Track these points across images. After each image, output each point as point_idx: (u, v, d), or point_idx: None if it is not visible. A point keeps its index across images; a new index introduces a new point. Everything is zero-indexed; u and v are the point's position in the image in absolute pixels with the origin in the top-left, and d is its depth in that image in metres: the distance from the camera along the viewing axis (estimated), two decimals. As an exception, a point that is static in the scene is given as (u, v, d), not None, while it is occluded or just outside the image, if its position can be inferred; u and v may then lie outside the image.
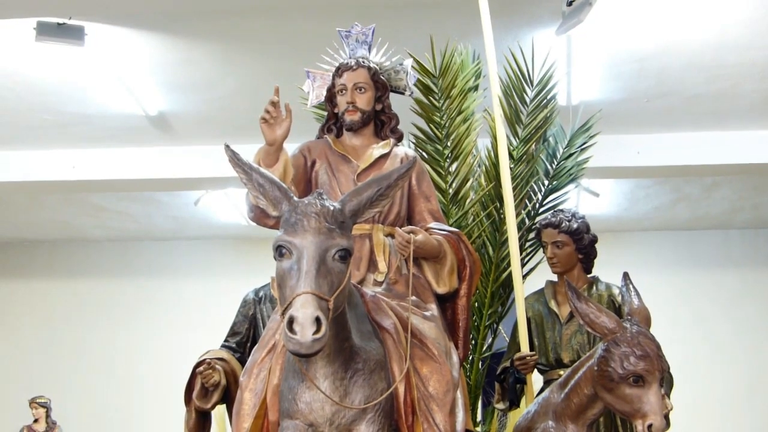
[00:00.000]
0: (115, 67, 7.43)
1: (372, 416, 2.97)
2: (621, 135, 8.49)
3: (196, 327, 10.61)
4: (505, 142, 4.77)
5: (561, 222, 4.67)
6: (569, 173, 5.63)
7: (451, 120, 5.38)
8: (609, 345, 3.30)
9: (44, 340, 12.54)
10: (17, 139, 8.97)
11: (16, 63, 7.35)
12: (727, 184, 10.26)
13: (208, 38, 7.01)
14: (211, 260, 12.61)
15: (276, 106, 3.33)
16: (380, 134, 3.91)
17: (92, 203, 11.11)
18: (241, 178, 2.93)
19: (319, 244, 2.65)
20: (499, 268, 5.38)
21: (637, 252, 11.64)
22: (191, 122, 8.59)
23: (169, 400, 7.16)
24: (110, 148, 9.20)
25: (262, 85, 5.02)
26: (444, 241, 3.64)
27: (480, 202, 5.39)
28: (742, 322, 11.62)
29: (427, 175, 4.01)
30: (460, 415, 3.27)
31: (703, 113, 8.27)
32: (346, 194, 2.88)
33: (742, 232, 12.03)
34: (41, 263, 12.98)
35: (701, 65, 7.35)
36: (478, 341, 5.37)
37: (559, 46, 6.79)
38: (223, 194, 10.48)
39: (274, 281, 2.77)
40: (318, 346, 2.52)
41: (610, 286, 4.70)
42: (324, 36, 4.21)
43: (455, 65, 5.38)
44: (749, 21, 6.67)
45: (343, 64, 3.86)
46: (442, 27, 6.08)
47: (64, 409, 10.98)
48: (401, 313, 3.29)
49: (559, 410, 3.52)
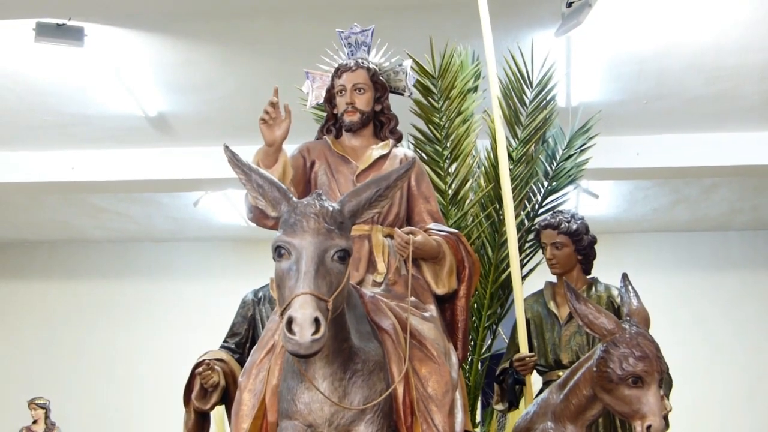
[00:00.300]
0: (114, 67, 7.44)
1: (371, 417, 2.97)
2: (620, 136, 8.50)
3: (196, 328, 10.60)
4: (505, 143, 4.77)
5: (560, 223, 4.66)
6: (568, 174, 5.63)
7: (450, 121, 5.38)
8: (608, 346, 3.29)
9: (44, 341, 12.54)
10: (17, 139, 8.97)
11: (15, 64, 7.36)
12: (726, 186, 10.26)
13: (208, 39, 7.02)
14: (211, 261, 12.61)
15: (275, 107, 3.33)
16: (379, 135, 3.90)
17: (92, 204, 11.11)
18: (241, 178, 2.92)
19: (318, 244, 2.64)
20: (499, 269, 5.38)
21: (636, 253, 11.63)
22: (191, 123, 8.59)
23: (168, 400, 7.16)
24: (110, 149, 9.20)
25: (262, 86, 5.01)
26: (443, 242, 3.63)
27: (479, 203, 5.39)
28: (741, 323, 11.61)
29: (427, 176, 4.00)
30: (459, 416, 3.26)
31: (702, 115, 8.28)
32: (345, 195, 2.87)
33: (741, 233, 12.02)
34: (41, 264, 12.99)
35: (701, 67, 7.35)
36: (477, 342, 5.37)
37: (559, 48, 6.80)
38: (223, 195, 10.48)
39: (273, 282, 2.77)
40: (317, 347, 2.52)
41: (609, 287, 4.69)
42: (323, 37, 4.20)
43: (455, 66, 5.38)
44: (749, 23, 6.67)
45: (342, 65, 3.86)
46: (442, 28, 6.09)
47: (64, 409, 10.96)
48: (400, 313, 3.29)
49: (558, 411, 3.52)
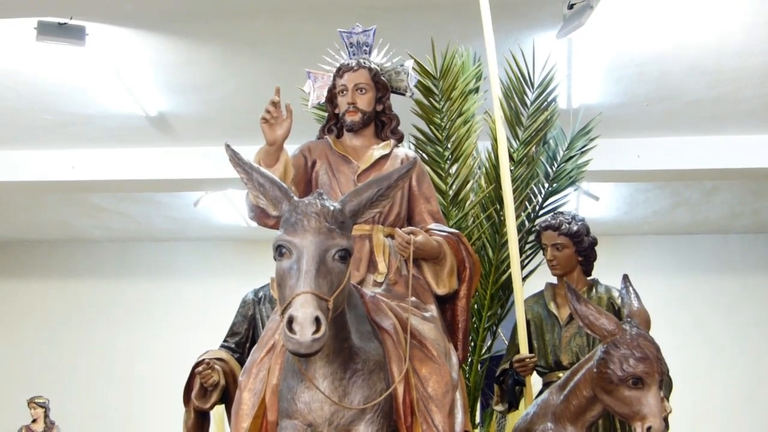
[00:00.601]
0: (115, 67, 7.44)
1: (371, 417, 2.97)
2: (621, 139, 8.50)
3: (196, 327, 10.60)
4: (506, 144, 4.77)
5: (561, 224, 4.65)
6: (569, 176, 5.63)
7: (451, 122, 5.38)
8: (608, 347, 3.29)
9: (43, 340, 12.54)
10: (17, 138, 8.97)
11: (16, 63, 7.36)
12: (726, 189, 10.26)
13: (209, 39, 7.02)
14: (211, 261, 12.62)
15: (277, 106, 3.33)
16: (381, 135, 3.90)
17: (92, 203, 11.11)
18: (242, 177, 2.92)
19: (319, 244, 2.64)
20: (499, 270, 5.37)
21: (637, 256, 11.63)
22: (191, 123, 8.59)
23: (168, 400, 7.15)
24: (110, 149, 9.20)
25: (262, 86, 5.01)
26: (444, 243, 3.63)
27: (480, 204, 5.39)
28: (741, 326, 11.61)
29: (428, 176, 4.00)
30: (459, 417, 3.26)
31: (703, 118, 8.28)
32: (346, 194, 2.87)
33: (741, 236, 12.03)
34: (40, 263, 12.99)
35: (702, 70, 7.36)
36: (478, 343, 5.36)
37: (560, 49, 6.80)
38: (223, 195, 10.49)
39: (273, 282, 2.77)
40: (317, 346, 2.51)
41: (609, 288, 4.68)
42: (324, 37, 4.20)
43: (456, 67, 5.38)
44: (750, 26, 6.67)
45: (344, 65, 3.86)
46: (443, 29, 6.09)
47: (64, 409, 10.96)
48: (401, 313, 3.29)
49: (558, 412, 3.51)
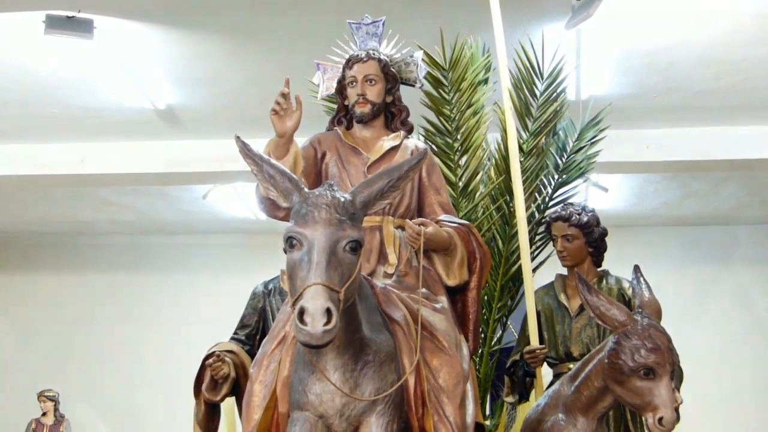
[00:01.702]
0: (123, 60, 7.43)
1: (382, 408, 2.96)
2: (630, 130, 8.46)
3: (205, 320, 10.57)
4: (515, 135, 4.77)
5: (571, 215, 4.64)
6: (579, 167, 5.62)
7: (461, 113, 5.38)
8: (620, 338, 3.29)
9: (52, 334, 12.56)
10: (26, 132, 8.97)
11: (25, 56, 7.35)
12: (736, 180, 10.22)
13: (217, 32, 7.01)
14: (220, 254, 12.61)
15: (286, 98, 3.32)
16: (390, 126, 3.90)
17: (101, 197, 11.11)
18: (252, 169, 2.92)
19: (329, 235, 2.64)
20: (509, 261, 5.37)
21: (645, 247, 11.57)
22: (200, 116, 8.58)
23: (177, 393, 7.15)
24: (119, 142, 9.19)
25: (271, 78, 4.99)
26: (454, 234, 3.63)
27: (490, 196, 5.38)
28: (750, 316, 11.58)
29: (438, 168, 4.00)
30: (470, 408, 3.26)
31: (712, 109, 8.24)
32: (356, 186, 2.87)
33: (750, 227, 11.98)
34: (49, 257, 13.00)
35: (711, 60, 7.32)
36: (488, 334, 5.36)
37: (569, 40, 6.77)
38: (232, 188, 10.48)
39: (284, 274, 2.76)
40: (328, 338, 2.51)
41: (620, 279, 4.68)
42: (333, 29, 4.19)
43: (465, 58, 5.37)
44: (759, 16, 6.63)
45: (353, 56, 3.85)
46: (452, 20, 6.07)
47: (73, 402, 11.00)
48: (411, 305, 3.28)
49: (569, 403, 3.51)
